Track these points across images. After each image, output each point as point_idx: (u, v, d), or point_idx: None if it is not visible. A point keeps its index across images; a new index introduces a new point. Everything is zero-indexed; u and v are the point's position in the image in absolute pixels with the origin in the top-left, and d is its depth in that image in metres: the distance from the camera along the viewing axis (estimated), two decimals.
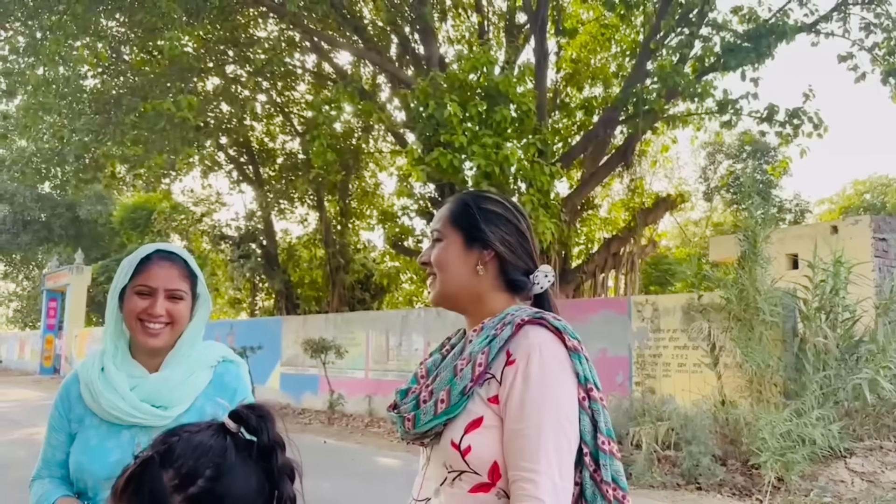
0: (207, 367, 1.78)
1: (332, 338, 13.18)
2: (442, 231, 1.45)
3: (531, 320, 1.30)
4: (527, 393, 1.21)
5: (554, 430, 1.20)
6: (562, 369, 1.25)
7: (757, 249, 7.76)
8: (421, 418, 1.30)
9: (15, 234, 33.08)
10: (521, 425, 1.20)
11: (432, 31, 14.73)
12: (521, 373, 1.23)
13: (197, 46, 15.06)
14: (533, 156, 11.45)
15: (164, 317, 1.68)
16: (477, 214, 1.42)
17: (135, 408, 1.64)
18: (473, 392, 1.27)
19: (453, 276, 1.41)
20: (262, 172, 21.36)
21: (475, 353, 1.28)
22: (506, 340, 1.28)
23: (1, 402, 16.73)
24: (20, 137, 16.80)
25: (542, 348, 1.25)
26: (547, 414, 1.20)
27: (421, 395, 1.34)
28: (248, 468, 1.02)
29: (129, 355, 1.74)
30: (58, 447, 1.74)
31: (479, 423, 1.25)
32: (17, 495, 6.86)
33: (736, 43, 12.15)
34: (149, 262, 1.70)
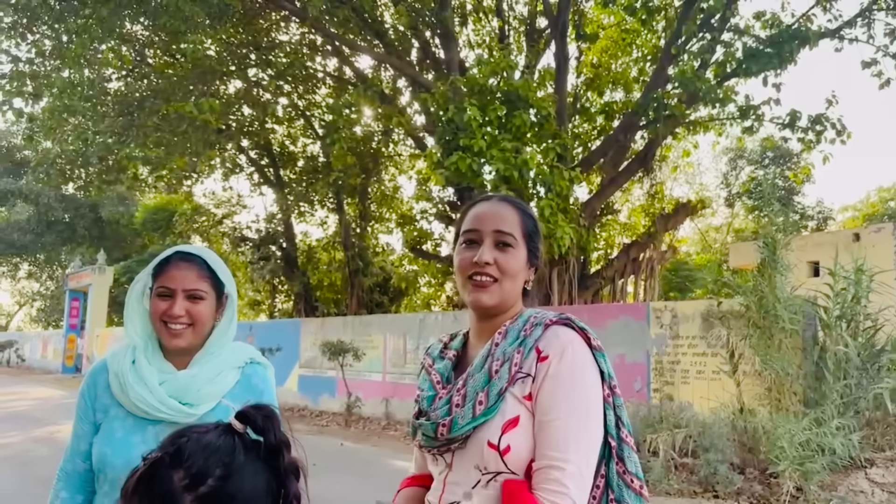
0: (235, 368, 1.80)
1: (349, 340, 13.22)
2: (515, 239, 1.44)
3: (559, 321, 1.35)
4: (558, 386, 1.26)
5: (582, 422, 1.25)
6: (590, 366, 1.30)
7: (777, 256, 7.69)
8: (458, 422, 1.30)
9: (39, 234, 33.49)
10: (551, 416, 1.24)
11: (453, 36, 14.76)
12: (554, 368, 1.27)
13: (219, 50, 15.21)
14: (552, 160, 11.44)
15: (185, 317, 1.70)
16: (538, 233, 1.50)
17: (162, 402, 1.66)
18: (507, 392, 1.29)
19: (514, 287, 1.43)
20: (283, 175, 21.51)
21: (509, 353, 1.32)
22: (536, 339, 1.32)
23: (23, 400, 16.94)
24: (45, 139, 17.02)
25: (574, 346, 1.30)
26: (576, 407, 1.25)
27: (453, 399, 1.34)
28: (255, 467, 1.03)
29: (161, 353, 1.76)
30: (82, 437, 1.76)
31: (516, 423, 1.27)
32: (39, 491, 6.95)
33: (758, 48, 12.06)
34: (168, 265, 1.74)
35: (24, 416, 13.34)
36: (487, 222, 1.44)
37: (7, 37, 13.05)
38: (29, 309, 52.53)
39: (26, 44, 13.38)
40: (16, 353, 34.03)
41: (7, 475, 7.79)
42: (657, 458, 7.16)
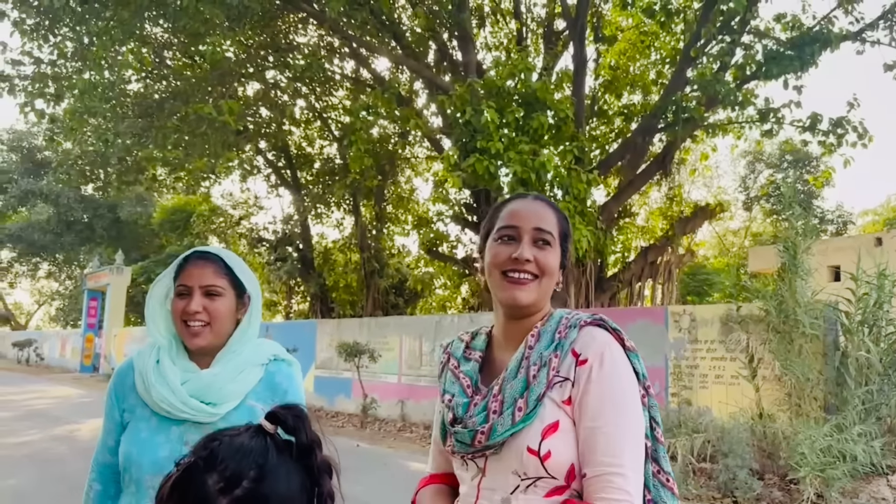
0: (258, 366, 1.78)
1: (365, 342, 13.24)
2: (553, 237, 1.43)
3: (592, 322, 1.33)
4: (604, 391, 1.24)
5: (632, 426, 1.24)
6: (628, 368, 1.29)
7: (797, 261, 7.62)
8: (497, 430, 1.27)
9: (58, 234, 33.83)
10: (600, 422, 1.22)
11: (470, 38, 14.76)
12: (597, 372, 1.25)
13: (238, 52, 15.29)
14: (570, 163, 11.40)
15: (202, 314, 1.71)
16: (569, 236, 1.48)
17: (184, 402, 1.66)
18: (546, 397, 1.27)
19: (550, 287, 1.42)
20: (300, 177, 21.59)
21: (546, 357, 1.30)
22: (572, 342, 1.30)
23: (43, 398, 17.10)
24: (66, 140, 17.19)
25: (611, 347, 1.29)
26: (625, 411, 1.24)
27: (490, 406, 1.32)
28: (289, 467, 1.03)
29: (185, 352, 1.77)
30: (108, 433, 1.78)
31: (556, 428, 1.25)
32: (59, 489, 7.01)
33: (778, 51, 11.97)
34: (186, 264, 1.75)
35: (43, 415, 13.46)
36: (527, 219, 1.41)
37: (30, 39, 13.17)
38: (48, 308, 53.05)
39: (48, 46, 13.50)
40: (35, 352, 34.35)
41: (28, 473, 7.86)
42: (675, 463, 7.10)
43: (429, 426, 11.71)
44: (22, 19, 12.63)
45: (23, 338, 37.04)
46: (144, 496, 1.65)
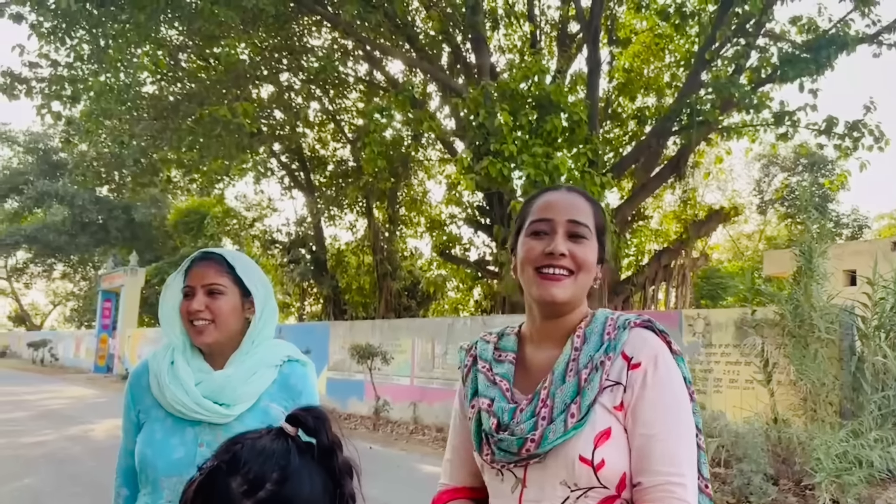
0: (272, 367, 1.78)
1: (378, 344, 13.24)
2: (589, 230, 1.34)
3: (641, 323, 1.27)
4: (659, 397, 1.19)
5: (687, 433, 1.20)
6: (679, 373, 1.25)
7: (813, 265, 7.57)
8: (548, 437, 1.19)
9: (73, 235, 34.09)
10: (656, 430, 1.17)
11: (484, 41, 14.77)
12: (651, 377, 1.20)
13: (252, 54, 15.37)
14: (584, 166, 11.38)
15: (205, 312, 1.72)
16: (606, 229, 1.41)
17: (197, 403, 1.66)
18: (597, 402, 1.20)
19: (587, 283, 1.33)
20: (313, 179, 21.66)
21: (598, 360, 1.23)
22: (623, 343, 1.24)
23: (57, 398, 17.22)
24: (82, 142, 17.33)
25: (663, 351, 1.24)
26: (680, 418, 1.20)
27: (539, 412, 1.23)
28: (311, 469, 1.04)
29: (200, 353, 1.78)
30: (128, 436, 1.79)
31: (608, 435, 1.19)
32: (74, 489, 7.06)
33: (794, 53, 11.90)
34: (192, 266, 1.78)
35: (58, 415, 13.55)
36: (561, 211, 1.33)
37: (47, 41, 13.28)
38: (63, 309, 53.46)
39: (65, 48, 13.61)
40: (50, 352, 34.61)
41: (44, 473, 7.91)
42: None
43: (441, 428, 11.70)
44: (39, 22, 12.74)
45: (38, 338, 37.32)
46: (160, 497, 1.65)
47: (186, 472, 1.61)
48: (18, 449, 9.40)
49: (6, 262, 44.46)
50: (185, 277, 1.77)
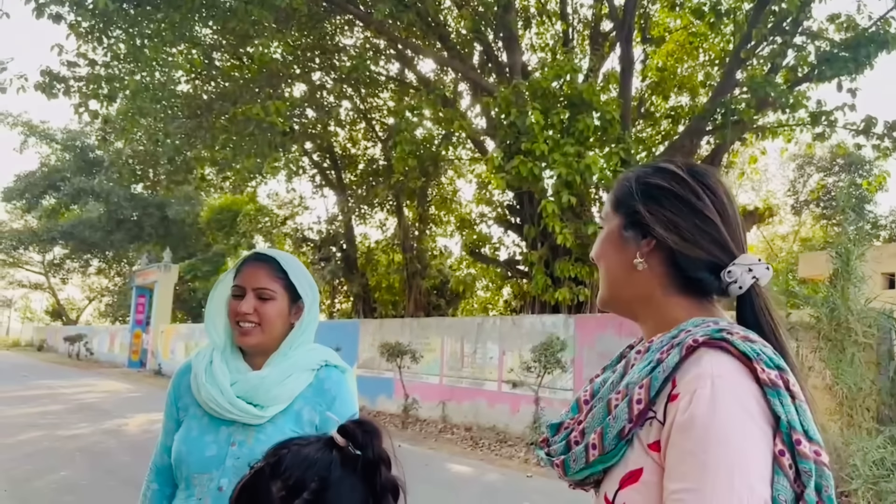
0: (308, 370, 1.77)
1: (407, 342, 13.28)
2: (605, 217, 1.18)
3: (709, 341, 0.93)
4: (689, 443, 0.87)
5: (722, 497, 0.83)
6: (743, 411, 0.87)
7: (850, 267, 7.43)
8: (570, 466, 1.02)
9: (109, 231, 34.66)
10: (679, 486, 0.87)
11: (516, 39, 14.73)
12: (682, 413, 0.89)
13: (285, 53, 15.48)
14: (615, 165, 11.29)
15: (253, 315, 1.72)
16: (636, 192, 1.10)
17: (231, 403, 1.67)
18: (633, 435, 0.96)
19: (612, 271, 1.13)
20: (344, 177, 21.76)
21: (632, 386, 0.98)
22: (672, 368, 0.94)
23: (92, 392, 17.51)
24: (117, 140, 17.60)
25: (717, 382, 0.89)
26: (716, 475, 0.84)
27: (572, 434, 1.05)
28: (353, 482, 1.04)
29: (240, 354, 1.80)
30: (167, 434, 1.81)
31: (638, 477, 0.94)
32: (109, 483, 7.17)
33: (832, 52, 11.70)
34: (243, 266, 1.79)
35: (93, 408, 13.78)
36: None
37: (85, 41, 13.51)
38: (98, 304, 54.29)
39: (102, 47, 13.83)
40: (85, 347, 35.21)
41: (79, 465, 8.05)
42: None
43: (470, 427, 11.71)
44: (77, 22, 12.95)
45: (74, 332, 38.00)
46: (192, 495, 1.67)
47: (216, 469, 1.65)
48: (55, 441, 9.58)
49: (44, 257, 45.37)
50: (236, 277, 1.78)
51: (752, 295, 1.03)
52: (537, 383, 10.35)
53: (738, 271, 1.02)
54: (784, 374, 0.91)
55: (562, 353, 10.27)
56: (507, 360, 11.81)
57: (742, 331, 0.96)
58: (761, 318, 1.03)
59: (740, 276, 1.02)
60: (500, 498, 7.16)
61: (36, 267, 48.38)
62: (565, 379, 10.60)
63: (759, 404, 0.88)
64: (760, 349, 0.92)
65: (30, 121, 33.71)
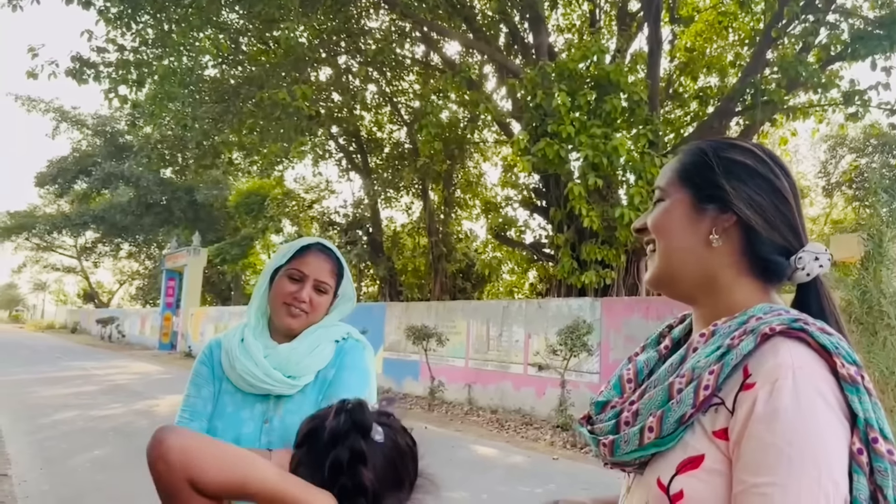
0: (332, 342, 1.85)
1: (433, 325, 13.33)
2: (666, 188, 1.10)
3: (787, 330, 0.90)
4: (771, 435, 0.84)
5: (811, 493, 0.81)
6: (827, 406, 0.85)
7: (883, 249, 7.32)
8: (621, 447, 0.99)
9: (139, 216, 35.12)
10: (761, 480, 0.83)
11: (542, 20, 14.60)
12: (764, 404, 0.86)
13: (311, 37, 15.49)
14: (643, 147, 11.19)
15: (307, 304, 1.80)
16: (715, 165, 1.04)
17: (267, 374, 1.73)
18: (695, 421, 0.93)
19: (676, 247, 1.05)
20: (370, 161, 21.80)
21: (701, 370, 0.93)
22: (745, 356, 0.90)
23: (124, 374, 17.82)
24: (146, 125, 17.78)
25: (798, 374, 0.86)
26: (801, 469, 0.82)
27: (623, 414, 1.01)
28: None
29: (268, 331, 1.86)
30: (207, 399, 1.80)
31: (699, 463, 0.91)
32: (141, 462, 7.29)
33: (866, 30, 11.45)
34: (307, 251, 1.84)
35: (125, 389, 14.04)
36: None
37: (114, 26, 13.63)
38: (128, 287, 55.14)
39: (131, 33, 13.94)
40: (117, 329, 35.81)
41: (113, 445, 8.21)
42: None
43: (496, 410, 11.75)
44: (106, 7, 13.07)
45: (106, 315, 38.66)
46: None
47: (252, 445, 1.68)
48: (89, 422, 9.78)
49: (76, 241, 46.13)
50: (295, 261, 1.83)
51: (817, 284, 1.01)
52: (563, 366, 10.35)
53: (808, 258, 0.99)
54: (861, 371, 0.88)
55: (588, 336, 10.25)
56: (532, 343, 11.81)
57: (818, 322, 0.92)
58: (826, 309, 1.00)
59: (808, 263, 0.99)
60: (526, 479, 7.19)
61: (69, 251, 49.27)
62: (591, 362, 10.58)
63: (837, 399, 0.86)
64: (838, 342, 0.90)
65: (61, 107, 34.13)
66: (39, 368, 17.98)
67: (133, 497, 5.74)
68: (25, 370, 17.31)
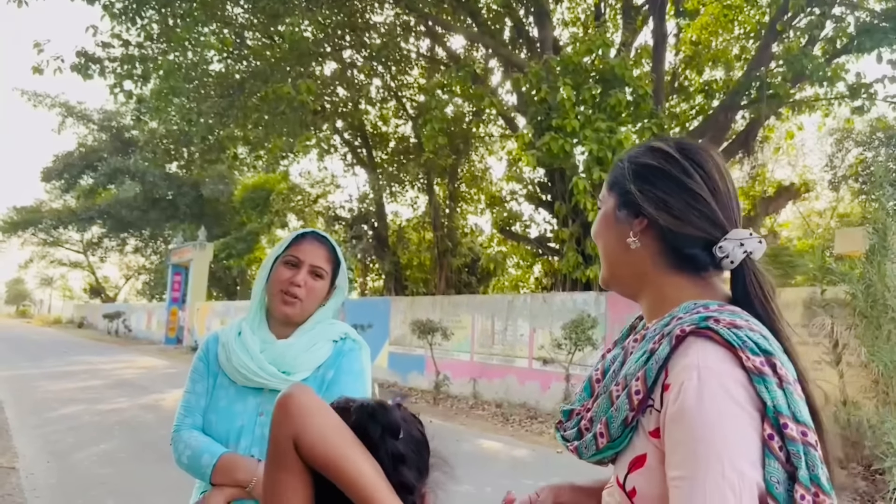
0: (329, 341, 1.87)
1: (438, 320, 13.34)
2: (602, 198, 1.21)
3: (696, 330, 0.95)
4: (680, 432, 0.90)
5: (716, 485, 0.86)
6: (730, 399, 0.89)
7: (888, 243, 7.30)
8: (583, 451, 1.08)
9: (144, 211, 35.19)
10: (676, 474, 0.90)
11: (547, 14, 14.57)
12: (673, 404, 0.92)
13: (316, 31, 15.48)
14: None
15: (302, 289, 1.81)
16: (628, 172, 1.13)
17: (261, 368, 1.76)
18: (638, 422, 1.00)
19: (608, 251, 1.16)
20: (375, 156, 21.80)
21: (630, 377, 1.01)
22: (664, 359, 0.97)
23: (130, 368, 17.89)
24: (152, 120, 17.81)
25: (703, 372, 0.91)
26: (706, 463, 0.87)
27: (582, 422, 1.09)
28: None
29: (266, 324, 1.88)
30: (202, 394, 1.85)
31: (643, 462, 0.98)
32: (148, 455, 7.35)
33: (872, 23, 11.41)
34: (302, 239, 1.87)
35: (131, 384, 14.09)
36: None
37: (118, 21, 13.65)
38: (135, 282, 55.26)
39: (136, 28, 13.96)
40: (123, 324, 35.92)
41: (119, 439, 8.26)
42: None
43: (500, 404, 11.77)
44: (111, 3, 13.10)
45: (112, 310, 38.79)
46: None
47: (246, 438, 1.72)
48: (95, 416, 9.83)
49: (82, 236, 46.30)
50: (291, 248, 1.86)
51: (743, 269, 1.04)
52: (568, 360, 10.36)
53: (730, 246, 1.03)
54: (771, 359, 0.92)
55: (593, 330, 10.25)
56: (537, 337, 11.82)
57: (729, 316, 0.97)
58: (751, 292, 1.04)
59: (732, 250, 1.03)
60: (531, 473, 7.21)
61: (75, 246, 49.43)
62: (596, 356, 10.59)
63: (746, 391, 0.90)
64: (746, 335, 0.93)
65: (67, 102, 34.23)
66: (46, 363, 18.07)
67: (139, 490, 5.78)
68: (33, 365, 17.40)
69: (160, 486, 5.85)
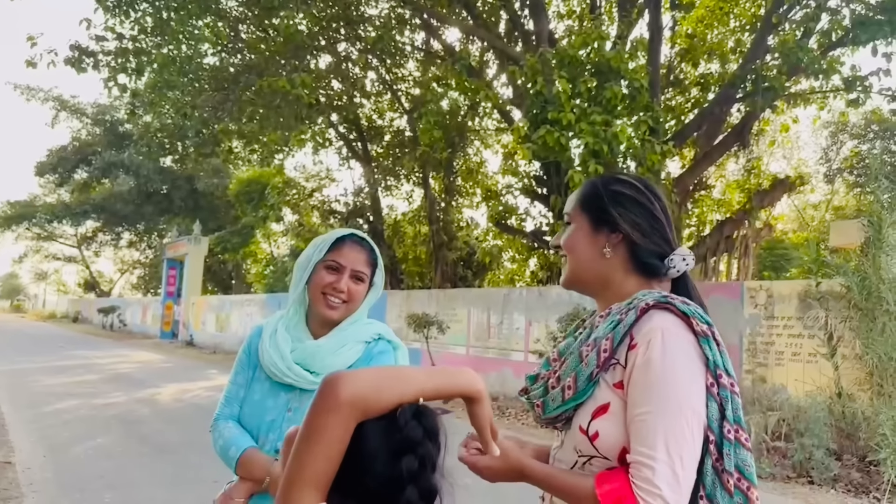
0: (360, 342, 1.90)
1: (434, 313, 13.35)
2: (571, 215, 1.47)
3: (657, 304, 1.27)
4: (647, 377, 1.20)
5: (674, 416, 1.17)
6: (684, 354, 1.22)
7: (882, 235, 7.33)
8: (549, 404, 1.34)
9: (139, 205, 35.11)
10: (641, 410, 1.19)
11: (543, 7, 14.53)
12: (641, 357, 1.22)
13: (310, 25, 15.43)
14: (644, 134, 11.16)
15: (345, 294, 1.84)
16: (605, 197, 1.42)
17: (289, 368, 1.80)
18: (600, 378, 1.28)
19: (581, 260, 1.43)
20: (371, 149, 21.76)
21: (600, 339, 1.29)
22: (630, 325, 1.26)
23: (126, 363, 17.88)
24: (146, 113, 17.74)
25: (665, 333, 1.22)
26: (667, 399, 1.18)
27: (549, 381, 1.36)
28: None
29: (304, 323, 1.91)
30: (242, 385, 1.92)
31: (606, 410, 1.26)
32: (144, 449, 7.34)
33: (868, 15, 11.39)
34: (342, 243, 1.88)
35: (127, 378, 14.08)
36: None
37: (112, 15, 13.57)
38: (129, 276, 55.19)
39: (129, 21, 13.88)
40: (118, 318, 35.88)
41: (115, 433, 8.25)
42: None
43: (497, 397, 11.79)
44: None
45: (107, 304, 38.74)
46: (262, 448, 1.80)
47: (274, 433, 1.76)
48: (91, 410, 9.82)
49: (76, 230, 46.13)
50: (332, 252, 1.86)
51: (685, 277, 1.40)
52: None
53: (677, 259, 1.37)
54: (712, 328, 1.25)
55: None
56: (533, 330, 11.84)
57: (681, 297, 1.30)
58: (692, 294, 1.37)
59: (678, 262, 1.37)
60: None
61: (69, 240, 49.25)
62: None
63: (695, 349, 1.23)
64: (695, 309, 1.27)
65: (60, 95, 34.10)
66: (42, 357, 18.04)
67: (135, 484, 5.77)
68: (28, 359, 17.37)
69: (157, 479, 5.85)
